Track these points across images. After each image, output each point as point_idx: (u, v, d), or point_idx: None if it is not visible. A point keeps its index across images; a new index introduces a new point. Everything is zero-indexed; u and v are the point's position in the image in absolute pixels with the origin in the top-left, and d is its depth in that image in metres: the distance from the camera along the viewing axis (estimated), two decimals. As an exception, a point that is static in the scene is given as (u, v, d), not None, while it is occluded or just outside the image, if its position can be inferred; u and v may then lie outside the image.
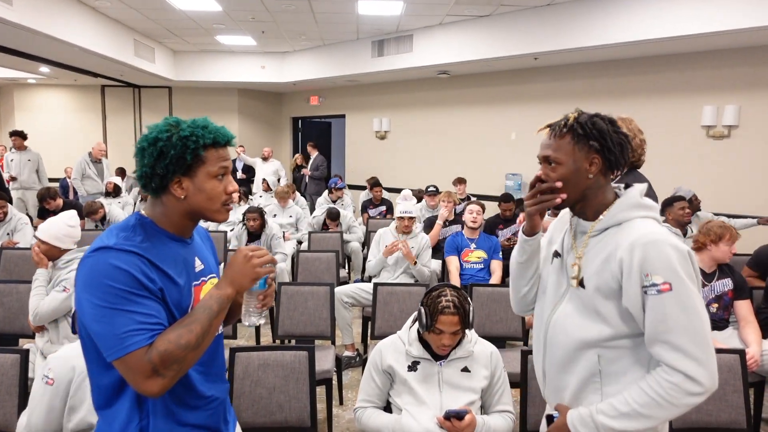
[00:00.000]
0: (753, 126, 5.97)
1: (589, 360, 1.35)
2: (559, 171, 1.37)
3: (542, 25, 6.52)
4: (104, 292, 1.13)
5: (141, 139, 1.26)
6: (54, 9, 6.17)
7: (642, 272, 1.25)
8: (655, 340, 1.25)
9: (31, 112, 11.55)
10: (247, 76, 10.25)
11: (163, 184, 1.24)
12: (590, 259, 1.36)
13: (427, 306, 1.98)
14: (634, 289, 1.26)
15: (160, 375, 1.13)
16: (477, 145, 8.63)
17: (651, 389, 1.25)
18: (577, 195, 1.38)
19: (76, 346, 1.70)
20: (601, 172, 1.36)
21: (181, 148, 1.22)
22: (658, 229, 1.30)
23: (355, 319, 4.42)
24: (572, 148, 1.35)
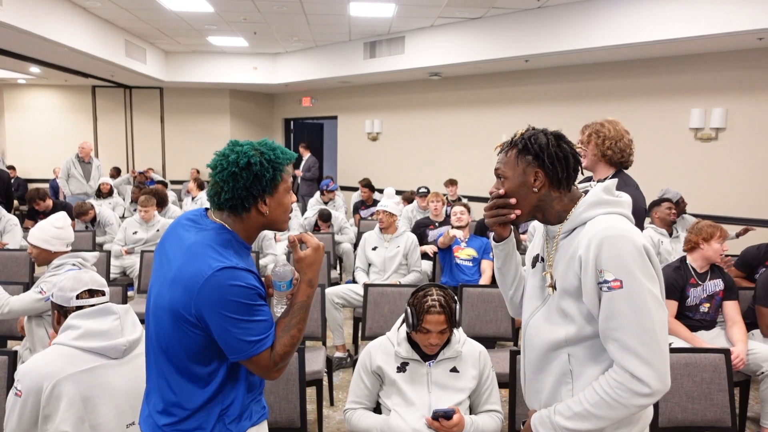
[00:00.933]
0: (740, 128, 6.04)
1: (560, 360, 1.37)
2: (506, 185, 1.41)
3: (533, 28, 6.57)
4: (236, 307, 1.31)
5: (229, 165, 1.37)
6: (44, 9, 6.14)
7: (597, 268, 1.25)
8: (607, 337, 1.26)
9: (21, 112, 11.47)
10: (239, 77, 10.23)
11: (254, 204, 1.39)
12: (558, 261, 1.38)
13: (413, 306, 2.00)
14: (591, 286, 1.26)
15: (281, 367, 1.41)
16: (468, 146, 8.67)
17: (601, 389, 1.26)
18: (527, 208, 1.40)
19: (48, 354, 1.70)
20: (548, 185, 1.37)
21: (272, 170, 1.39)
22: (616, 224, 1.27)
23: (347, 320, 4.44)
24: (516, 163, 1.39)
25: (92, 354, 1.70)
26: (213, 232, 1.39)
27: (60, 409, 1.62)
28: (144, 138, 11.42)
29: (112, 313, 1.78)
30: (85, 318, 1.75)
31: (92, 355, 1.70)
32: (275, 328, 1.40)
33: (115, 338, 1.74)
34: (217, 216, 1.43)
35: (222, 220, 1.42)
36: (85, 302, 1.83)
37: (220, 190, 1.38)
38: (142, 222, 5.21)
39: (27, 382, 1.63)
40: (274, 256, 4.99)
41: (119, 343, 1.74)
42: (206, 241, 1.37)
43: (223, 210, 1.40)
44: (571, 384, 1.36)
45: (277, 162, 1.39)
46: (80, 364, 1.68)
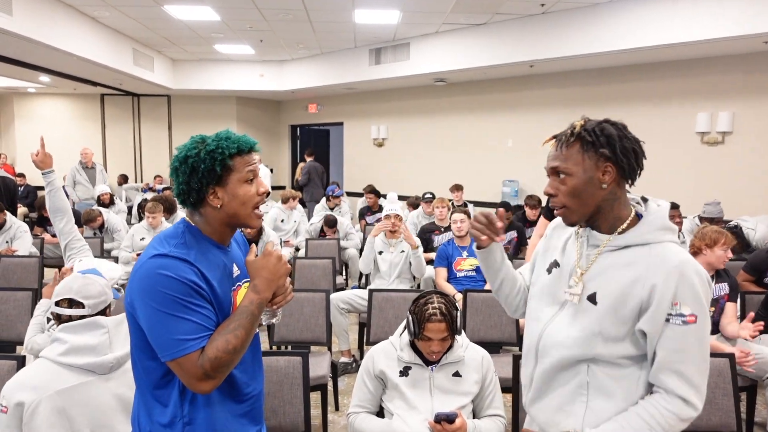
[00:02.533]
0: (747, 132, 6.02)
1: (579, 372, 1.33)
2: (569, 183, 1.30)
3: (537, 33, 6.58)
4: (161, 298, 1.22)
5: (173, 160, 1.35)
6: (53, 19, 6.23)
7: (672, 300, 1.22)
8: (665, 368, 1.24)
9: (31, 120, 11.61)
10: (246, 85, 10.31)
11: (200, 197, 1.33)
12: (608, 277, 1.30)
13: (414, 314, 2.00)
14: (660, 316, 1.23)
15: (211, 377, 1.24)
16: (474, 152, 8.68)
17: (650, 416, 1.23)
18: (591, 208, 1.31)
19: (33, 369, 1.69)
20: (616, 181, 1.29)
21: (210, 161, 1.31)
22: (688, 256, 1.26)
23: (352, 326, 4.44)
24: (582, 158, 1.28)
25: (78, 370, 1.67)
26: (172, 227, 1.37)
27: (42, 427, 1.60)
28: (152, 145, 11.52)
29: (101, 327, 1.72)
30: (72, 332, 1.70)
31: (78, 372, 1.67)
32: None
33: (102, 354, 1.69)
34: (189, 216, 1.40)
35: (192, 220, 1.38)
36: (62, 311, 1.76)
37: (174, 186, 1.37)
38: (149, 228, 5.25)
39: (10, 398, 1.61)
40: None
41: (106, 360, 1.69)
42: (159, 235, 1.35)
43: (186, 206, 1.37)
44: (586, 397, 1.32)
45: (216, 152, 1.30)
46: (65, 381, 1.65)
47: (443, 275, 4.17)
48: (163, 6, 6.47)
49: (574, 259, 1.38)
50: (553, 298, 1.40)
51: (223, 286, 1.35)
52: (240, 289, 1.43)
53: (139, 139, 11.59)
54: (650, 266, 1.24)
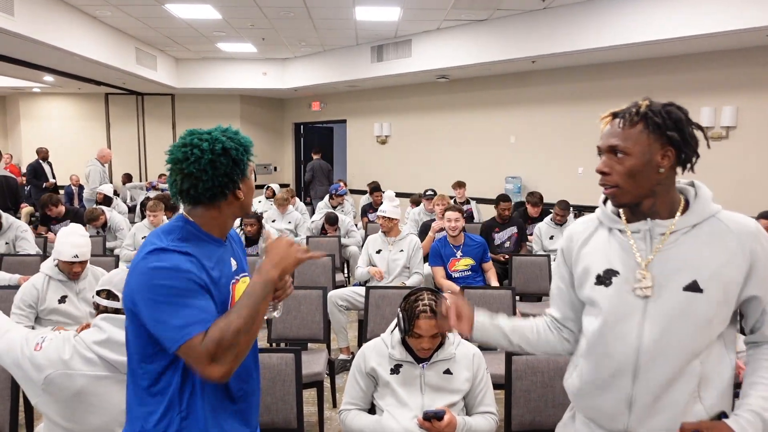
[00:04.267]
0: (751, 127, 5.96)
1: (693, 370, 1.25)
2: (627, 163, 1.25)
3: (539, 29, 6.55)
4: (161, 290, 1.22)
5: (205, 152, 1.31)
6: (55, 19, 6.27)
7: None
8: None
9: (37, 120, 11.69)
10: (249, 83, 10.33)
11: (232, 188, 1.34)
12: (700, 259, 1.25)
13: (405, 311, 2.00)
14: (766, 276, 1.25)
15: (218, 362, 1.21)
16: (476, 148, 8.66)
17: None
18: (645, 190, 1.27)
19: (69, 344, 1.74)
20: (673, 166, 1.27)
21: (244, 153, 1.36)
22: (752, 219, 1.31)
23: (352, 323, 4.45)
24: (645, 138, 1.24)
25: (103, 362, 1.71)
26: (169, 222, 1.36)
27: (56, 397, 1.67)
28: (156, 144, 11.57)
29: None
30: (113, 324, 1.75)
31: (105, 364, 1.71)
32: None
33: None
34: (189, 213, 1.37)
35: (193, 216, 1.36)
36: (100, 301, 1.84)
37: (197, 182, 1.30)
38: (151, 227, 5.28)
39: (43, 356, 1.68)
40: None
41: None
42: (156, 230, 1.34)
43: (198, 203, 1.34)
44: (697, 392, 1.25)
45: (246, 144, 1.37)
46: (93, 369, 1.70)
47: (442, 273, 4.13)
48: (164, 5, 6.49)
49: (635, 257, 1.30)
50: (626, 308, 1.30)
51: (221, 280, 1.35)
52: (238, 282, 1.44)
53: (144, 138, 11.65)
54: (740, 235, 1.25)
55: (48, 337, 1.76)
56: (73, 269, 2.89)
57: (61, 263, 2.90)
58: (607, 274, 1.33)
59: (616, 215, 1.37)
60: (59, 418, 1.71)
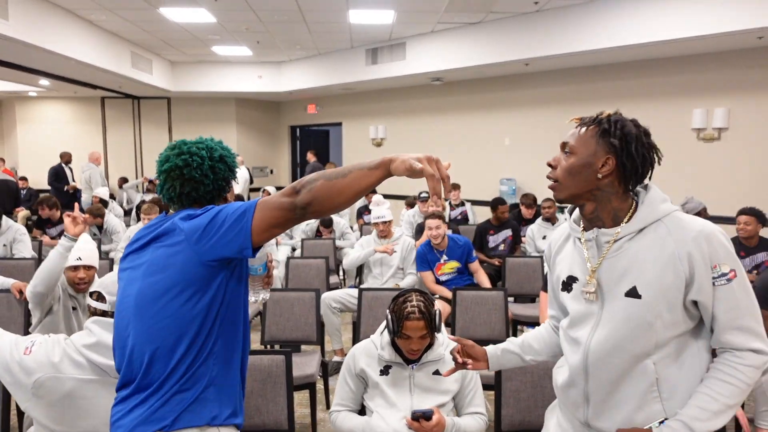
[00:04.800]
0: (743, 128, 6.00)
1: (646, 370, 1.29)
2: (570, 161, 1.33)
3: (532, 31, 6.58)
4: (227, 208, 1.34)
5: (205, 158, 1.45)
6: (50, 23, 6.27)
7: (711, 264, 1.24)
8: (728, 327, 1.25)
9: (33, 124, 11.69)
10: (245, 86, 10.35)
11: (227, 191, 1.52)
12: (640, 266, 1.28)
13: (393, 312, 2.02)
14: (707, 282, 1.24)
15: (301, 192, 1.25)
16: (471, 150, 8.68)
17: (731, 377, 1.24)
18: (581, 191, 1.33)
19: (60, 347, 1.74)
20: (614, 177, 1.31)
21: (233, 160, 1.53)
22: (702, 220, 1.30)
23: (347, 325, 4.47)
24: (593, 143, 1.31)
25: (92, 366, 1.72)
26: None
27: (46, 400, 1.67)
28: (152, 147, 11.57)
29: None
30: (103, 328, 1.75)
31: (94, 368, 1.72)
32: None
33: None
34: None
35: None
36: (90, 302, 1.86)
37: (198, 185, 1.44)
38: (145, 230, 5.28)
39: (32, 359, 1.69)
40: (277, 262, 5.04)
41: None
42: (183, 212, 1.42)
43: (197, 204, 1.45)
44: (658, 392, 1.29)
45: (231, 153, 1.53)
46: (82, 372, 1.70)
47: (431, 278, 4.11)
48: (158, 8, 6.51)
49: (586, 264, 1.37)
50: (585, 311, 1.37)
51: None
52: None
53: (140, 142, 11.65)
54: (677, 240, 1.26)
55: (37, 341, 1.76)
56: (78, 275, 2.72)
57: (66, 272, 2.75)
58: (569, 281, 1.43)
59: (576, 224, 1.44)
60: (49, 422, 1.72)
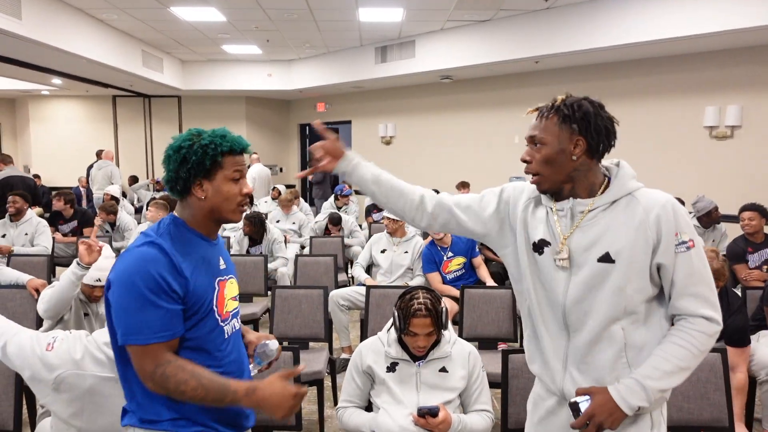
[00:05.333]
0: (756, 126, 5.93)
1: (616, 335, 1.36)
2: (543, 152, 1.38)
3: (542, 29, 6.55)
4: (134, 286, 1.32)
5: (167, 148, 1.44)
6: (62, 22, 6.34)
7: (674, 232, 1.33)
8: (684, 294, 1.34)
9: (46, 122, 11.83)
10: (254, 84, 10.40)
11: (186, 187, 1.41)
12: (613, 233, 1.35)
13: (400, 309, 2.02)
14: (671, 247, 1.33)
15: (155, 383, 1.33)
16: (481, 148, 8.66)
17: (684, 341, 1.33)
18: (562, 176, 1.39)
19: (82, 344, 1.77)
20: (586, 154, 1.37)
21: (201, 154, 1.39)
22: (668, 194, 1.39)
23: (355, 323, 4.48)
24: (558, 129, 1.37)
25: (113, 365, 1.68)
26: (159, 221, 1.46)
27: (66, 396, 1.70)
28: (163, 146, 11.21)
29: None
30: None
31: (113, 366, 1.68)
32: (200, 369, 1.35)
33: None
34: (176, 210, 1.49)
35: (178, 213, 1.46)
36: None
37: (165, 173, 1.45)
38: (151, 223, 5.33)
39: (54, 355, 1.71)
40: (285, 260, 5.05)
41: None
42: (147, 229, 1.44)
43: (175, 195, 1.46)
44: (626, 358, 1.36)
45: (209, 147, 1.39)
46: (102, 369, 1.73)
47: (438, 279, 4.10)
48: (169, 7, 6.55)
49: (557, 232, 1.42)
50: (556, 275, 1.43)
51: (202, 276, 1.41)
52: (226, 282, 1.50)
53: (151, 140, 11.75)
54: (646, 208, 1.34)
55: (59, 337, 1.78)
56: (94, 293, 2.67)
57: (82, 285, 2.68)
58: (540, 243, 1.45)
59: (546, 196, 1.48)
60: (68, 417, 1.74)
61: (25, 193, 5.14)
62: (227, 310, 1.49)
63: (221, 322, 1.46)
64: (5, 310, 3.34)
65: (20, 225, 4.98)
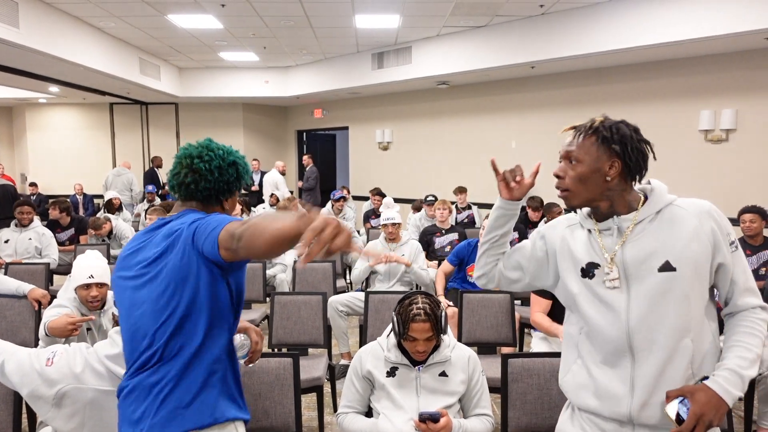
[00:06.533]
0: (751, 129, 5.97)
1: (686, 348, 1.34)
2: (578, 169, 1.41)
3: (538, 34, 6.59)
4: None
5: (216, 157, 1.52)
6: (59, 30, 6.36)
7: (726, 233, 1.39)
8: (745, 290, 1.39)
9: (43, 130, 11.81)
10: (252, 91, 10.42)
11: (225, 198, 1.55)
12: (667, 242, 1.36)
13: (399, 314, 2.03)
14: (727, 247, 1.38)
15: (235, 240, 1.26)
16: (478, 154, 8.68)
17: (758, 331, 1.37)
18: (593, 195, 1.41)
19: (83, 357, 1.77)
20: (622, 176, 1.40)
21: (244, 173, 1.57)
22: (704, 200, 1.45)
23: (353, 329, 4.48)
24: (595, 150, 1.40)
25: (113, 378, 1.72)
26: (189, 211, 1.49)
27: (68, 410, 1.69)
28: (160, 153, 11.63)
29: None
30: None
31: (113, 379, 1.72)
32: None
33: None
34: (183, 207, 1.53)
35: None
36: (115, 311, 1.87)
37: (200, 179, 1.49)
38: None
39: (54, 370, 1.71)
40: (284, 266, 5.05)
41: None
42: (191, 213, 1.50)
43: (191, 200, 1.50)
44: (691, 368, 1.35)
45: (248, 169, 1.58)
46: (102, 383, 1.72)
47: (446, 269, 4.16)
48: (166, 15, 6.57)
49: (603, 253, 1.43)
50: (612, 295, 1.41)
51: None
52: None
53: (148, 147, 11.74)
54: (695, 214, 1.38)
55: (58, 351, 1.77)
56: (90, 293, 2.56)
57: (78, 291, 2.60)
58: (589, 267, 1.45)
59: (589, 216, 1.50)
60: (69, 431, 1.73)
61: (31, 203, 5.49)
62: None
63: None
64: (3, 319, 3.33)
65: (24, 231, 5.20)
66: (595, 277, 1.43)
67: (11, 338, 3.29)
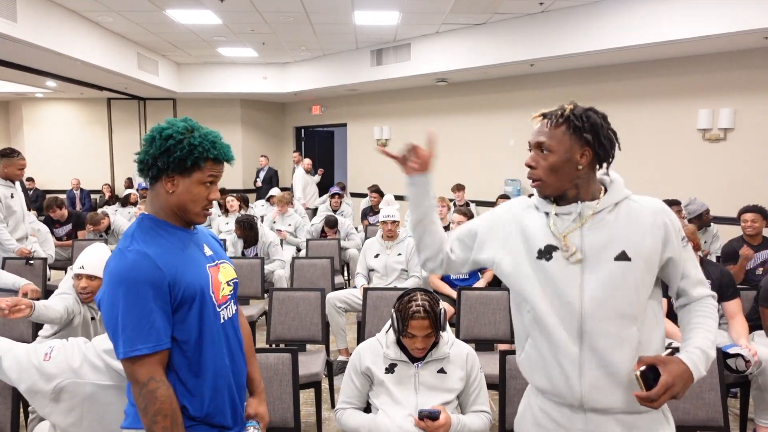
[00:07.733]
0: (749, 128, 5.98)
1: (632, 336, 1.37)
2: (550, 159, 1.41)
3: (537, 32, 6.59)
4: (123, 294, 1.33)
5: (155, 128, 1.41)
6: (57, 25, 6.33)
7: (678, 229, 1.44)
8: (696, 282, 1.46)
9: (40, 125, 11.77)
10: (250, 87, 10.39)
11: (156, 176, 1.41)
12: (623, 233, 1.39)
13: (398, 311, 2.03)
14: (678, 243, 1.43)
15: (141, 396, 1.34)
16: (476, 151, 8.69)
17: (714, 315, 1.45)
18: (565, 184, 1.42)
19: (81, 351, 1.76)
20: (591, 164, 1.42)
21: (187, 152, 1.38)
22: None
23: (351, 325, 4.49)
24: (567, 139, 1.39)
25: (111, 372, 1.72)
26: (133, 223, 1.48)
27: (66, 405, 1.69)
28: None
29: None
30: None
31: (111, 373, 1.72)
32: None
33: None
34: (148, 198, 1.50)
35: (149, 204, 1.48)
36: None
37: (139, 153, 1.43)
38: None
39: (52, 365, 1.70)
40: (282, 262, 5.05)
41: None
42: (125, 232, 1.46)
43: (146, 178, 1.44)
44: (638, 356, 1.37)
45: (197, 149, 1.38)
46: (100, 377, 1.71)
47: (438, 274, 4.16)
48: (164, 10, 6.55)
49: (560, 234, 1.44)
50: (567, 278, 1.40)
51: (190, 262, 1.43)
52: (219, 267, 1.52)
53: (146, 143, 11.72)
54: (650, 210, 1.42)
55: (56, 346, 1.77)
56: (80, 284, 2.55)
57: (74, 280, 2.61)
58: (547, 249, 1.45)
59: (547, 201, 1.50)
60: (68, 426, 1.72)
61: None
62: (223, 294, 1.50)
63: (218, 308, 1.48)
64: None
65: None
66: (553, 259, 1.43)
67: (8, 334, 3.29)
